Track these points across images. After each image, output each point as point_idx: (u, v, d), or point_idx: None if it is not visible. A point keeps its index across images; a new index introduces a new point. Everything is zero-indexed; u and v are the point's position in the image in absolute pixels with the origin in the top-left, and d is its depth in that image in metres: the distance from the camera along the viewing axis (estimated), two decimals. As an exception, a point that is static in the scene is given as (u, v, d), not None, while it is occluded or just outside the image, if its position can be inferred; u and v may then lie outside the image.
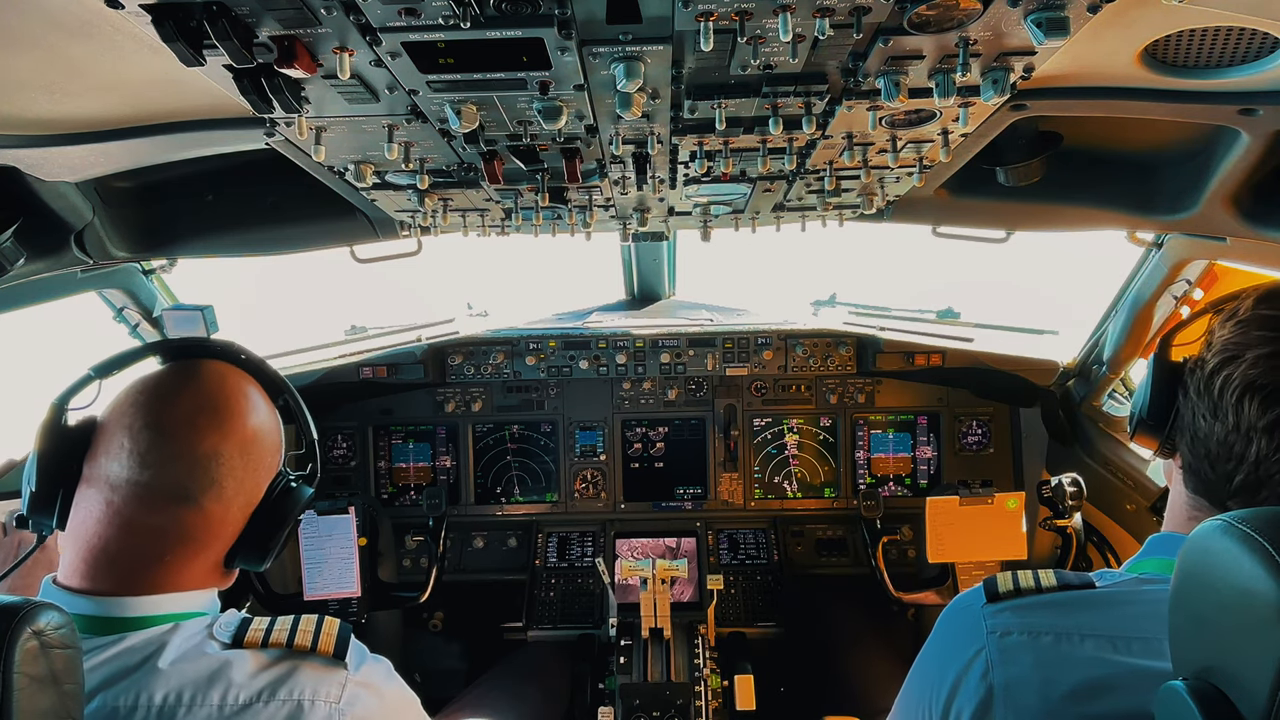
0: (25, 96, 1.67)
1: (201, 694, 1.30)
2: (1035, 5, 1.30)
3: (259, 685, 1.33)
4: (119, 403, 1.46)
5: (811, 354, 3.87)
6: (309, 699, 1.34)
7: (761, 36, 1.42)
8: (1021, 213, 2.69)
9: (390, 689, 1.49)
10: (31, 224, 2.24)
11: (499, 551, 3.96)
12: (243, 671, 1.34)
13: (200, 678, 1.32)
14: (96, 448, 1.43)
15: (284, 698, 1.33)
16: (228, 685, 1.32)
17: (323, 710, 1.34)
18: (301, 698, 1.34)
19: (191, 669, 1.32)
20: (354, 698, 1.37)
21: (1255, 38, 1.49)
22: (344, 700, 1.36)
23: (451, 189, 2.31)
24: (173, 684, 1.30)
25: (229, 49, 1.30)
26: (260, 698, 1.32)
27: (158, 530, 1.40)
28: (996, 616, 1.26)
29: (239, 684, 1.32)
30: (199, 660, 1.34)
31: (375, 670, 1.47)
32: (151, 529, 1.39)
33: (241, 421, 1.48)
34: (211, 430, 1.44)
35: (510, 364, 3.88)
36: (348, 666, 1.40)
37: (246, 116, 1.87)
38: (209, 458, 1.42)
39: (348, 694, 1.37)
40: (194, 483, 1.41)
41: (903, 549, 3.84)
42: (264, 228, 2.74)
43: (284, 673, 1.35)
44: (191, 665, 1.33)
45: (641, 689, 2.97)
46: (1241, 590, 0.87)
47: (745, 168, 2.24)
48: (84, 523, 1.41)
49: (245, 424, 1.48)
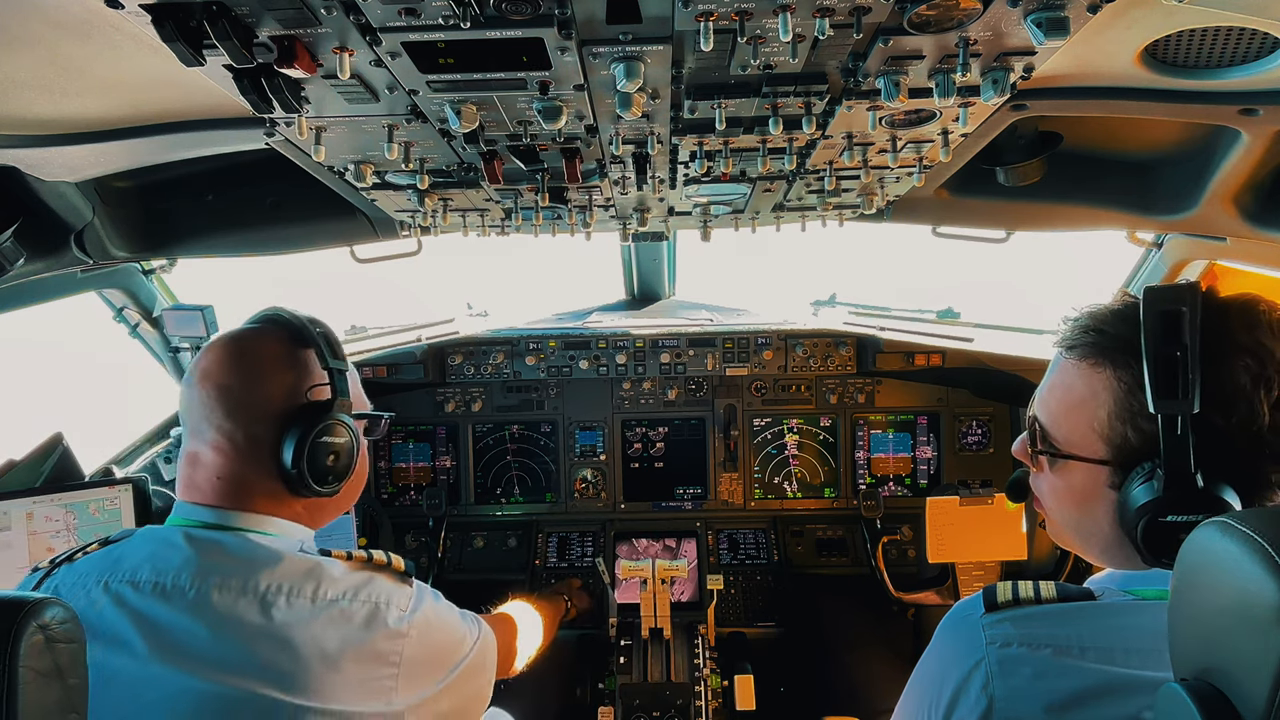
0: (25, 96, 1.67)
1: (299, 586, 1.53)
2: (1035, 5, 1.30)
3: (345, 585, 1.57)
4: None
5: (811, 354, 3.87)
6: (384, 603, 1.59)
7: (761, 36, 1.42)
8: (1021, 213, 2.69)
9: (440, 606, 1.74)
10: (31, 224, 2.25)
11: (499, 551, 3.96)
12: (332, 573, 1.57)
13: (298, 573, 1.55)
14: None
15: (364, 599, 1.57)
16: (319, 581, 1.55)
17: (395, 614, 1.59)
18: (379, 601, 1.58)
19: (291, 565, 1.55)
20: (416, 606, 1.64)
21: (1255, 38, 1.49)
22: (410, 608, 1.62)
23: (451, 189, 2.31)
24: (276, 575, 1.53)
25: (229, 49, 1.30)
26: (345, 596, 1.55)
27: (217, 468, 1.63)
28: (996, 627, 1.25)
29: (329, 582, 1.56)
30: (297, 559, 1.57)
31: (428, 591, 1.73)
32: (214, 468, 1.64)
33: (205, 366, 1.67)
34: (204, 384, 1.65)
35: (510, 364, 3.87)
36: (412, 585, 1.68)
37: (246, 116, 1.87)
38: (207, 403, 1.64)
39: (413, 603, 1.63)
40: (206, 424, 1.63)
41: (903, 549, 3.84)
42: (264, 228, 2.74)
43: (365, 579, 1.60)
44: (290, 562, 1.56)
45: (641, 689, 2.97)
46: (1241, 591, 0.87)
47: (745, 168, 2.24)
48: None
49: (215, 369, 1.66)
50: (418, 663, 1.60)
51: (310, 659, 1.47)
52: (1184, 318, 1.22)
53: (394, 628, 1.57)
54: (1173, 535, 1.19)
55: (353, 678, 1.50)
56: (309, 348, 1.72)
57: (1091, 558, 1.44)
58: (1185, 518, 1.20)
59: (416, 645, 1.60)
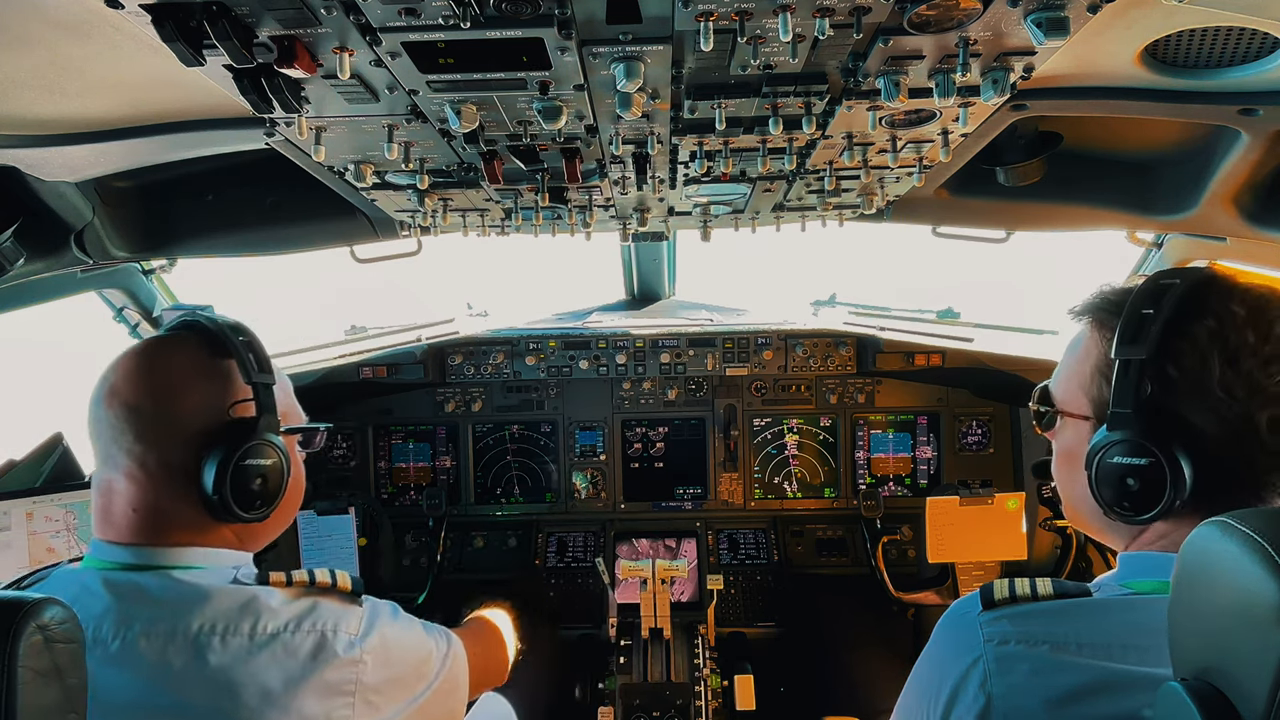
0: (25, 96, 1.67)
1: (234, 624, 1.40)
2: (1035, 5, 1.30)
3: (286, 616, 1.44)
4: None
5: (811, 354, 3.87)
6: (331, 630, 1.46)
7: (761, 36, 1.42)
8: (1021, 213, 2.69)
9: (399, 623, 1.61)
10: (31, 224, 2.25)
11: (499, 551, 3.96)
12: (270, 604, 1.44)
13: (232, 609, 1.41)
14: None
15: (308, 629, 1.44)
16: (257, 615, 1.42)
17: (344, 640, 1.46)
18: (324, 629, 1.45)
19: (222, 601, 1.41)
20: (369, 628, 1.50)
21: (1255, 38, 1.49)
22: (362, 631, 1.49)
23: (451, 189, 2.31)
24: (206, 615, 1.39)
25: (229, 49, 1.30)
26: (288, 628, 1.43)
27: (131, 498, 1.48)
28: (993, 624, 1.26)
29: (268, 615, 1.42)
30: (229, 593, 1.43)
31: (384, 606, 1.60)
32: (129, 499, 1.48)
33: (113, 384, 1.50)
34: (110, 403, 1.49)
35: (510, 364, 3.87)
36: (362, 604, 1.54)
37: (246, 116, 1.87)
38: (116, 425, 1.48)
39: (364, 626, 1.50)
40: (117, 449, 1.48)
41: (903, 549, 3.84)
42: (264, 228, 2.74)
43: (309, 606, 1.47)
44: (222, 598, 1.42)
45: (641, 689, 2.97)
46: (1241, 591, 0.87)
47: (745, 168, 2.24)
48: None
49: (123, 386, 1.50)
50: (377, 689, 1.49)
51: (252, 701, 1.36)
52: (1173, 289, 1.28)
53: (345, 656, 1.45)
54: (1120, 479, 1.26)
55: (305, 715, 1.38)
56: (230, 358, 1.54)
57: (1093, 532, 1.47)
58: (1128, 460, 1.25)
59: (373, 671, 1.48)
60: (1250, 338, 1.21)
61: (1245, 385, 1.20)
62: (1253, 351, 1.20)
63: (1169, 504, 1.24)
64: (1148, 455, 1.23)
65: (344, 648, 1.45)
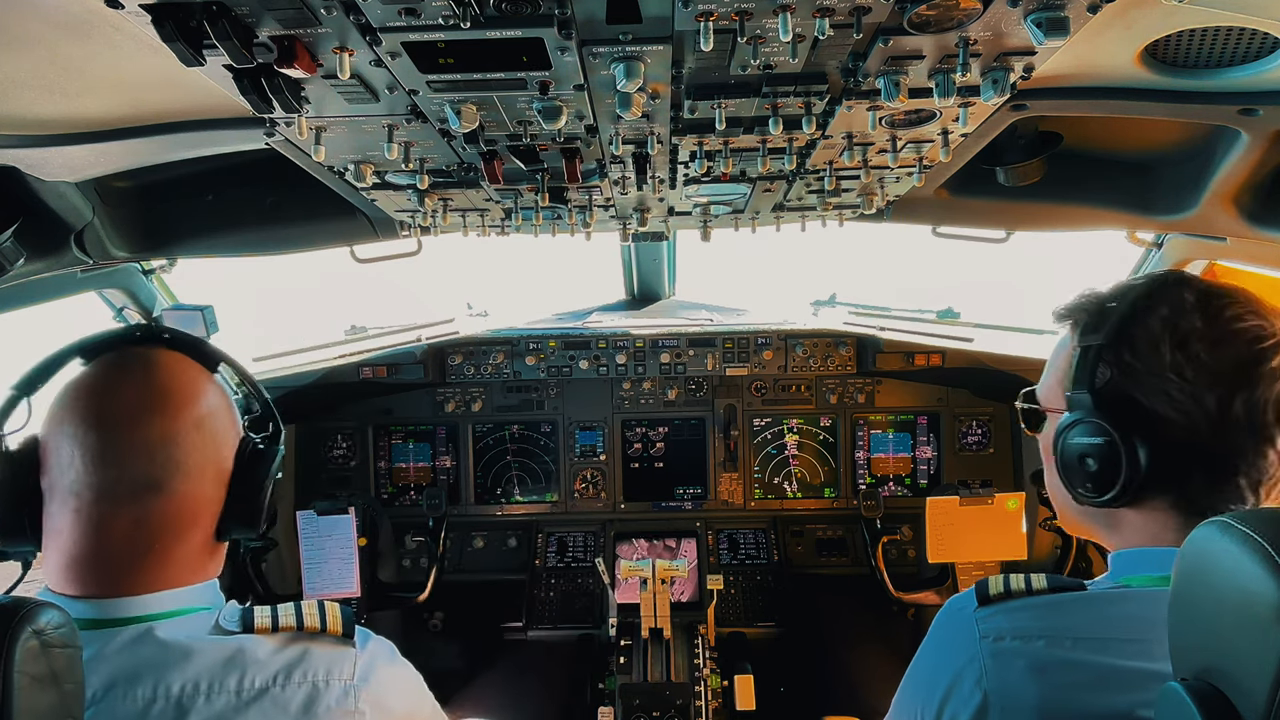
0: (25, 96, 1.67)
1: (219, 681, 1.31)
2: (1035, 5, 1.30)
3: (275, 668, 1.35)
4: (54, 413, 1.40)
5: (811, 354, 3.87)
6: (323, 680, 1.37)
7: (761, 36, 1.42)
8: (1021, 213, 2.69)
9: (396, 666, 1.53)
10: (31, 224, 2.24)
11: (499, 551, 3.96)
12: (257, 655, 1.34)
13: (215, 664, 1.32)
14: (47, 463, 1.38)
15: (299, 680, 1.35)
16: (243, 670, 1.33)
17: (338, 688, 1.37)
18: (316, 680, 1.36)
19: (205, 657, 1.32)
20: (366, 673, 1.41)
21: (1255, 38, 1.49)
22: (357, 677, 1.40)
23: (451, 189, 2.31)
24: (189, 673, 1.30)
25: (229, 49, 1.30)
26: (276, 681, 1.34)
27: (134, 525, 1.36)
28: (989, 620, 1.26)
29: (254, 668, 1.33)
30: (212, 648, 1.33)
31: (381, 648, 1.50)
32: (127, 526, 1.36)
33: (185, 397, 1.43)
34: (158, 414, 1.39)
35: (510, 364, 3.87)
36: (355, 645, 1.43)
37: (246, 116, 1.86)
38: (164, 441, 1.38)
39: (359, 670, 1.40)
40: (157, 469, 1.37)
41: (903, 549, 3.84)
42: (264, 228, 2.74)
43: (298, 654, 1.37)
44: (205, 653, 1.32)
45: (641, 689, 2.97)
46: (1241, 590, 0.87)
47: (745, 168, 2.24)
48: (59, 535, 1.37)
49: (190, 399, 1.43)
50: None
51: None
52: (1138, 285, 1.34)
53: (339, 708, 1.36)
54: (1080, 459, 1.30)
55: None
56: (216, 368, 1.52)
57: (1079, 529, 1.49)
58: (1086, 440, 1.29)
59: (372, 717, 1.40)
60: (1198, 322, 1.25)
61: (1193, 367, 1.23)
62: (1200, 335, 1.24)
63: (1128, 482, 1.25)
64: (1103, 434, 1.26)
65: (337, 698, 1.36)
